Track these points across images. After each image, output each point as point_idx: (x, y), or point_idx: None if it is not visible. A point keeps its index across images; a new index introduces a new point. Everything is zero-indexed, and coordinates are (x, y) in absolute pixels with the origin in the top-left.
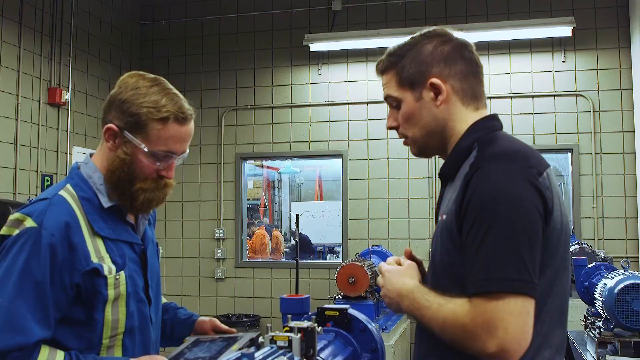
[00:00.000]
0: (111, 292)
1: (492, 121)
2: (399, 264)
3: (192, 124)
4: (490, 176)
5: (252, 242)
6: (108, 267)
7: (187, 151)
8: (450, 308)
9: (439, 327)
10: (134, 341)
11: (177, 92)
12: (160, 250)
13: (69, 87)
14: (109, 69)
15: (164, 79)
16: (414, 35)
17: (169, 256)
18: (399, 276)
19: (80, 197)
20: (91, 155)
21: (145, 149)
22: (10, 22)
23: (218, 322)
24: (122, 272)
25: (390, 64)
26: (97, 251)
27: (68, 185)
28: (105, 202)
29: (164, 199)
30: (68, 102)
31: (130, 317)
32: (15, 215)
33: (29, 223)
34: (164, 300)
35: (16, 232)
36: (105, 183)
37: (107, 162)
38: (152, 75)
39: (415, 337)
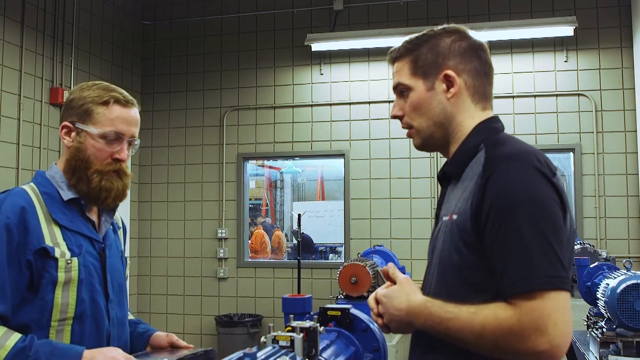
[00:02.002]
0: (61, 275)
1: (496, 123)
2: (393, 282)
3: (137, 111)
4: (510, 177)
5: (252, 243)
6: (61, 251)
7: (138, 140)
8: (489, 313)
9: (475, 336)
10: (84, 329)
11: (118, 88)
12: (128, 264)
13: (71, 87)
14: (111, 69)
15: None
16: (434, 28)
17: (171, 256)
18: (400, 295)
19: (42, 191)
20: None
21: (95, 131)
22: (13, 22)
23: (175, 338)
24: (75, 259)
25: (407, 51)
26: (52, 237)
27: (31, 183)
28: (66, 196)
29: (125, 191)
30: None
31: (80, 303)
32: None
33: None
34: (130, 316)
35: None
36: (64, 174)
37: (65, 158)
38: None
39: (412, 341)
